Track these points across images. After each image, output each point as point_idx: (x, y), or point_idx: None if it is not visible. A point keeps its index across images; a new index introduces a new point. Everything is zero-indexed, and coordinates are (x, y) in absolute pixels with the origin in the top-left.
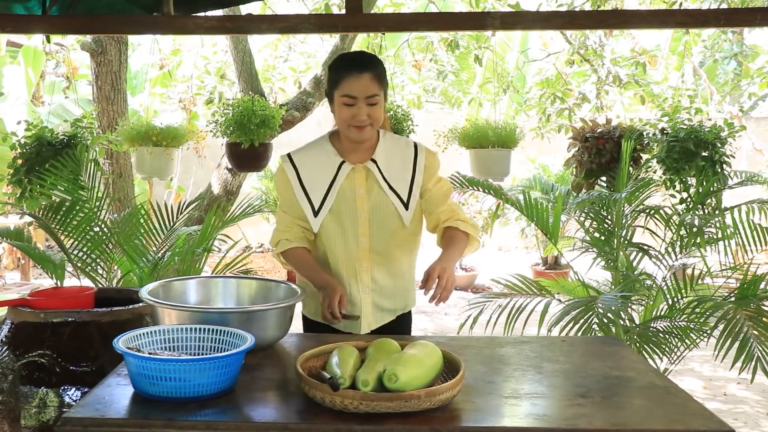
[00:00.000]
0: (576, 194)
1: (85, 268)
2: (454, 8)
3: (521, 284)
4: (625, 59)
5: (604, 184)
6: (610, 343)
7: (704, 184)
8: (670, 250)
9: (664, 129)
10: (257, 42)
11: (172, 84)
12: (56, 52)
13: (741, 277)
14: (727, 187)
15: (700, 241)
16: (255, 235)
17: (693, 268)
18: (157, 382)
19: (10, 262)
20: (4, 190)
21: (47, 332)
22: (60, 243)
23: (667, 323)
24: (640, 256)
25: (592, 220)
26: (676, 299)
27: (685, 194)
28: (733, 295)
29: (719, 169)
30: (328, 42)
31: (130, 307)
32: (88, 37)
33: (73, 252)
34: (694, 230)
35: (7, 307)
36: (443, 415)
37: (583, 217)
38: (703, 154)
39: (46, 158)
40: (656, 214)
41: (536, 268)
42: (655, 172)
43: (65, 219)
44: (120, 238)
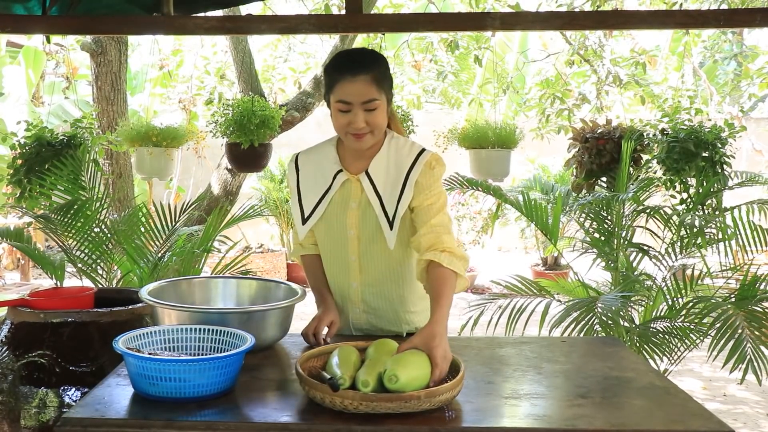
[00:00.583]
0: (576, 195)
1: (86, 269)
2: (453, 8)
3: (521, 285)
4: (625, 59)
5: (605, 185)
6: (610, 344)
7: (704, 184)
8: (670, 250)
9: (664, 129)
10: (257, 42)
11: (171, 84)
12: (56, 53)
13: (741, 277)
14: (727, 188)
15: (701, 242)
16: (255, 235)
17: (693, 269)
18: (157, 383)
19: (9, 263)
20: (4, 190)
21: (47, 332)
22: (60, 243)
23: (667, 324)
24: (640, 256)
25: (592, 221)
26: (676, 300)
27: (686, 195)
28: (733, 295)
29: (719, 170)
30: (327, 42)
31: (130, 307)
32: (88, 38)
33: (73, 252)
34: (695, 231)
35: (6, 307)
36: (443, 416)
37: (583, 218)
38: (704, 154)
39: (46, 158)
40: (656, 215)
41: (536, 268)
42: (656, 173)
43: (69, 220)
44: (120, 239)
